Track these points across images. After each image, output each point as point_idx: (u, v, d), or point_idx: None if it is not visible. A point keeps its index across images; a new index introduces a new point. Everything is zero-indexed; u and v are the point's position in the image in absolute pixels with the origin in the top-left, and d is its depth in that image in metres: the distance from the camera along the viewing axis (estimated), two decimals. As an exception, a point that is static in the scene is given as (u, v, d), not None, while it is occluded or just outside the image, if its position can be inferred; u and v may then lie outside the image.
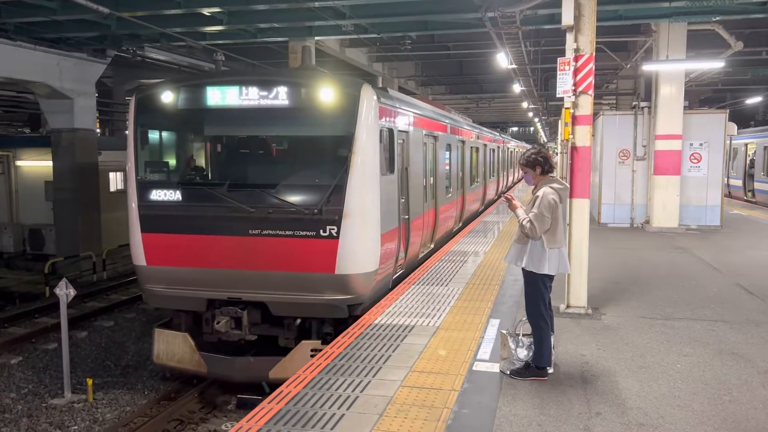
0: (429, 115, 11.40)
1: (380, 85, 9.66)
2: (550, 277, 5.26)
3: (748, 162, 24.27)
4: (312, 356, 6.48)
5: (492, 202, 22.30)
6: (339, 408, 4.65)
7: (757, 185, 23.34)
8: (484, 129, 22.17)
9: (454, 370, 5.42)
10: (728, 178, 23.94)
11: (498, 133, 26.58)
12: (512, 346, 5.37)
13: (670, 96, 14.21)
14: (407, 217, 9.34)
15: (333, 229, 7.26)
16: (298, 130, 8.15)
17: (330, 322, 7.71)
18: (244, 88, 7.62)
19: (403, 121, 9.25)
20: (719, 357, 5.89)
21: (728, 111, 15.58)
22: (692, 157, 14.70)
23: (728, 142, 20.09)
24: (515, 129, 63.40)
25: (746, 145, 24.31)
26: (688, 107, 14.95)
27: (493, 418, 4.53)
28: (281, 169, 8.20)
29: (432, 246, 11.55)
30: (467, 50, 19.74)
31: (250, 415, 4.54)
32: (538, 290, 5.23)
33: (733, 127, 16.93)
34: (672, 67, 13.98)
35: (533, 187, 5.38)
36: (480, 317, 7.04)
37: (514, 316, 6.95)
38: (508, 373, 5.31)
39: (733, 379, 5.32)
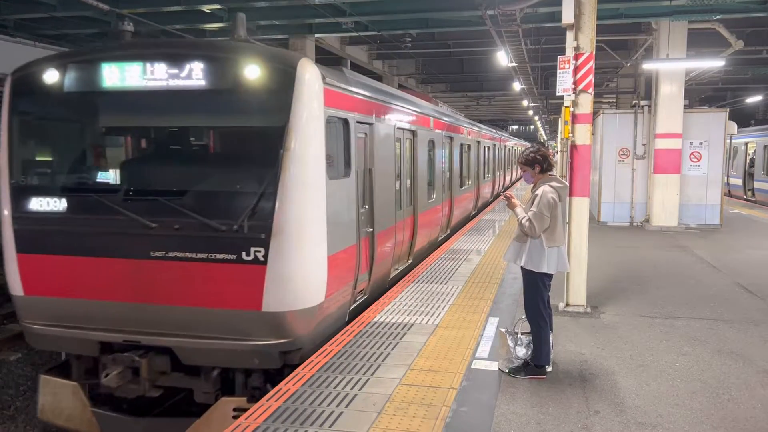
0: (403, 106, 9.60)
1: (347, 68, 7.84)
2: (549, 276, 5.27)
3: (748, 161, 24.29)
4: (235, 417, 5.12)
5: (487, 204, 21.05)
6: (338, 406, 4.65)
7: (756, 184, 23.36)
8: (480, 125, 21.12)
9: (453, 368, 5.42)
10: (728, 177, 23.94)
11: (495, 130, 26.01)
12: (511, 345, 5.38)
13: (670, 94, 14.22)
14: (371, 229, 7.66)
15: (259, 251, 5.52)
16: (215, 120, 6.26)
17: (260, 373, 5.95)
18: (148, 64, 5.84)
19: (366, 110, 7.50)
20: (718, 356, 5.89)
21: (728, 110, 15.58)
22: (692, 156, 14.71)
23: (728, 141, 20.09)
24: (515, 127, 63.53)
25: (746, 144, 24.32)
26: (688, 106, 14.97)
27: (492, 417, 4.53)
28: (193, 171, 6.29)
29: (410, 260, 9.98)
30: (467, 48, 19.74)
31: (248, 413, 4.54)
32: (537, 289, 5.23)
33: (733, 126, 16.94)
34: (672, 66, 13.99)
35: (532, 185, 5.38)
36: (479, 315, 7.04)
37: (513, 314, 6.94)
38: (507, 371, 5.31)
39: (732, 379, 5.32)
